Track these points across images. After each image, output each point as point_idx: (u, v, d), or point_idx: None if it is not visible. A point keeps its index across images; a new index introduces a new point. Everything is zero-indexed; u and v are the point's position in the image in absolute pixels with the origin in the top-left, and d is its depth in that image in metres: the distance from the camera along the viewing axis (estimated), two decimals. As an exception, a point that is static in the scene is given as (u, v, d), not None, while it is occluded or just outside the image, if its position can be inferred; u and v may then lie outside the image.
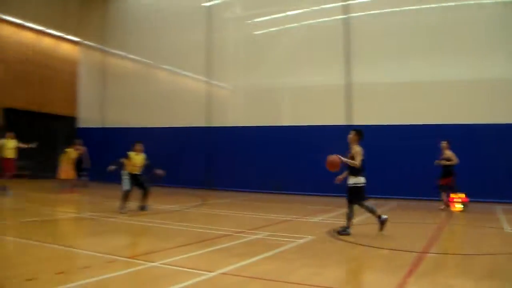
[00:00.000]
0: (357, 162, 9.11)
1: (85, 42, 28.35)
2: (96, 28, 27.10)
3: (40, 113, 27.61)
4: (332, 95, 19.52)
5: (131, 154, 12.47)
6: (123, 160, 12.36)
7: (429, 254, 7.75)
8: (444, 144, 14.43)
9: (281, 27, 21.58)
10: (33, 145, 16.72)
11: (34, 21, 27.25)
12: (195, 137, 22.62)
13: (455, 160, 14.07)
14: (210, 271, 6.07)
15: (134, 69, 26.12)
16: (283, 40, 21.10)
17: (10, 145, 16.17)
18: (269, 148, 20.32)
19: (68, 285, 5.34)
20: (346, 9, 19.57)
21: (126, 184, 12.32)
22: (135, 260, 6.73)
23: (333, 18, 20.04)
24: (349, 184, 9.36)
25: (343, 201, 9.45)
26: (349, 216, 9.29)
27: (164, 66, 25.06)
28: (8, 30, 26.23)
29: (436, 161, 14.45)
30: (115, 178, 12.38)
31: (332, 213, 13.21)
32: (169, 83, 24.60)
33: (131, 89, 25.30)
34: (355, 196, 9.34)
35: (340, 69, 19.26)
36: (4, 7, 23.26)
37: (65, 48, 29.78)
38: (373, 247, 8.21)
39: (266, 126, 20.65)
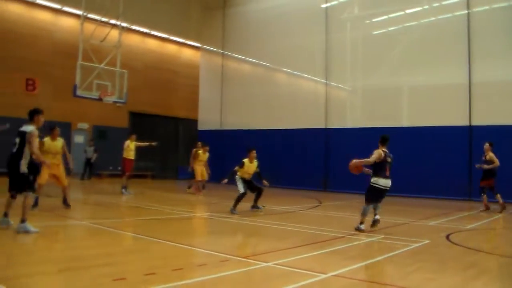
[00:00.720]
0: (370, 160, 9.57)
1: (206, 47, 29.40)
2: (216, 33, 28.00)
3: (163, 116, 29.16)
4: (453, 94, 18.74)
5: (246, 161, 12.62)
6: (236, 168, 12.61)
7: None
8: (487, 145, 14.05)
9: (400, 26, 21.08)
10: (153, 144, 17.57)
11: (158, 29, 28.89)
12: (312, 139, 22.62)
13: (496, 162, 13.75)
14: (323, 273, 5.98)
15: (252, 72, 26.69)
16: (401, 39, 20.49)
17: (133, 146, 17.15)
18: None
19: (185, 282, 5.49)
20: (467, 4, 18.58)
21: (241, 187, 12.55)
22: (248, 260, 6.78)
23: (453, 14, 19.21)
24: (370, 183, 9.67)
25: (462, 204, 8.94)
26: (363, 212, 9.64)
27: (282, 69, 25.32)
28: (136, 39, 28.04)
29: (477, 165, 14.23)
30: (231, 180, 12.65)
31: (450, 217, 12.85)
32: (287, 85, 24.84)
33: (249, 92, 25.82)
34: (369, 195, 9.72)
35: (461, 67, 18.39)
36: (132, 17, 24.80)
37: (187, 54, 31.22)
38: (493, 254, 7.79)
39: (384, 127, 20.03)
